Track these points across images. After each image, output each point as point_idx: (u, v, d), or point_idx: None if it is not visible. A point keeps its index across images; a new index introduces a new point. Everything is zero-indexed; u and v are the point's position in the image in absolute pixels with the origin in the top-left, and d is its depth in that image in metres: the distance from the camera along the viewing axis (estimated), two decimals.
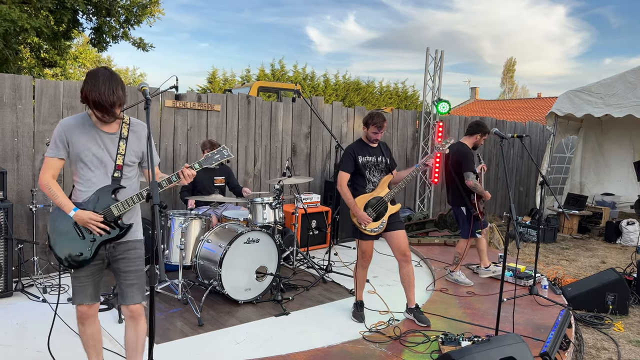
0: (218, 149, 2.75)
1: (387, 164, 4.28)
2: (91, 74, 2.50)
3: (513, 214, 3.48)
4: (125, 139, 2.67)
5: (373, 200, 4.13)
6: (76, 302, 2.71)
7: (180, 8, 58.31)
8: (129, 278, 2.72)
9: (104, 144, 2.62)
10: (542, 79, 72.83)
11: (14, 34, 9.31)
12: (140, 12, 11.89)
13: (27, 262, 4.81)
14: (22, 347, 3.50)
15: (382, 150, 4.31)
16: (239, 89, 11.59)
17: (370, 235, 4.14)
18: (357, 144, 4.29)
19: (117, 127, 2.66)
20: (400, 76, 63.14)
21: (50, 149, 2.61)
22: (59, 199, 2.59)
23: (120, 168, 2.65)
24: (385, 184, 4.21)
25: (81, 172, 2.62)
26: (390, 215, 4.15)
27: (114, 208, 2.61)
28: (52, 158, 2.60)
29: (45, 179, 2.60)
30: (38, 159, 4.97)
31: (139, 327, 2.78)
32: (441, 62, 8.27)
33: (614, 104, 7.69)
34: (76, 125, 2.60)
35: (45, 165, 2.61)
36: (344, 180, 4.17)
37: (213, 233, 4.58)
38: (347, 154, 4.22)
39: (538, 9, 68.11)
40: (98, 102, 2.46)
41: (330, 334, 3.93)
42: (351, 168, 4.18)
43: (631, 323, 4.65)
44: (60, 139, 2.58)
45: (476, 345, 2.99)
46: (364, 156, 4.20)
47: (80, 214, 2.56)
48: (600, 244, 8.17)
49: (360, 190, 4.19)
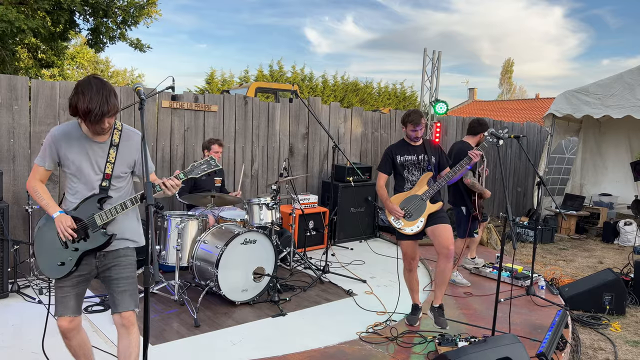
0: (205, 158, 2.65)
1: (431, 162, 4.10)
2: (81, 84, 2.39)
3: (509, 214, 3.48)
4: (116, 146, 2.58)
5: (409, 199, 4.03)
6: (57, 314, 2.59)
7: (179, 9, 58.34)
8: (120, 285, 2.63)
9: (94, 154, 2.55)
10: (540, 80, 73.02)
11: (11, 34, 9.29)
12: (138, 13, 11.87)
13: (23, 264, 4.80)
14: (18, 349, 3.49)
15: (425, 149, 4.13)
16: (236, 90, 11.59)
17: (407, 235, 4.03)
18: (398, 144, 4.22)
19: (107, 136, 2.57)
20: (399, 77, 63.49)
21: (39, 157, 2.59)
22: (44, 201, 2.56)
23: (108, 177, 2.56)
24: (424, 182, 4.06)
25: (70, 183, 2.59)
26: (430, 214, 4.02)
27: (97, 217, 2.53)
28: (39, 166, 2.60)
29: (32, 183, 2.60)
30: (34, 160, 4.95)
31: (131, 336, 2.66)
32: (439, 63, 8.27)
33: (613, 104, 7.70)
34: (66, 136, 2.53)
35: (33, 171, 2.62)
36: (381, 180, 4.15)
37: (210, 234, 4.58)
38: (385, 154, 4.18)
39: (536, 10, 68.25)
40: (88, 111, 2.34)
41: (327, 335, 3.92)
42: (388, 168, 4.12)
43: (628, 323, 4.65)
44: (50, 150, 2.55)
45: (473, 346, 2.99)
46: (402, 155, 4.11)
47: (58, 217, 2.50)
48: (597, 245, 8.18)
49: (398, 189, 4.13)
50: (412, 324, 4.12)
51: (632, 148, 9.96)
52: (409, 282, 4.25)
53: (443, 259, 4.00)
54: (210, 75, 20.82)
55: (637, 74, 7.46)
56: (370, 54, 70.16)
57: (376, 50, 70.49)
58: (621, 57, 65.45)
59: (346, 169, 6.91)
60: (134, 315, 2.69)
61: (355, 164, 7.28)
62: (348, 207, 7.03)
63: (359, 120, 7.85)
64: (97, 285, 4.83)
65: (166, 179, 2.56)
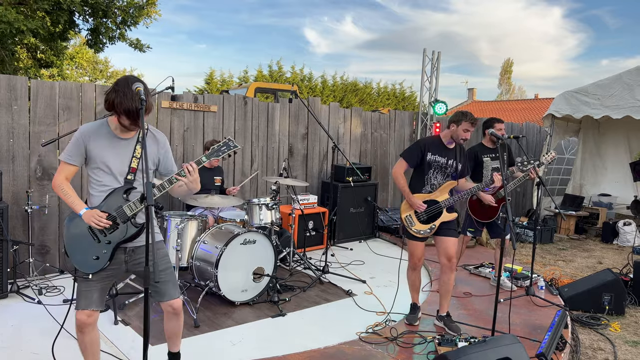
0: (224, 141, 2.76)
1: (457, 170, 4.01)
2: (121, 82, 2.53)
3: (509, 214, 3.48)
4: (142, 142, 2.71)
5: (429, 202, 3.93)
6: (79, 306, 2.65)
7: (178, 9, 58.29)
8: (161, 276, 2.76)
9: (121, 149, 2.67)
10: (540, 80, 73.04)
11: (10, 35, 9.28)
12: (137, 14, 11.86)
13: (22, 264, 4.79)
14: (17, 349, 3.49)
15: (456, 154, 4.00)
16: (236, 90, 11.59)
17: (417, 236, 3.98)
18: (433, 140, 4.00)
19: (134, 132, 2.71)
20: (398, 77, 62.89)
21: (65, 154, 2.65)
22: (71, 198, 2.62)
23: (134, 171, 2.69)
24: (447, 190, 3.97)
25: (96, 178, 2.66)
26: (443, 222, 3.96)
27: (126, 208, 2.63)
28: (66, 163, 2.64)
29: (59, 180, 2.64)
30: (34, 160, 4.96)
31: (180, 319, 2.90)
32: (438, 63, 8.28)
33: (612, 105, 7.71)
34: (95, 132, 2.65)
35: (59, 168, 2.67)
36: (401, 168, 3.95)
37: (209, 234, 4.57)
38: (417, 145, 3.97)
39: (535, 10, 68.25)
40: (129, 110, 2.49)
41: (327, 335, 3.92)
42: (415, 161, 3.93)
43: (627, 323, 4.65)
44: (78, 146, 2.63)
45: (472, 346, 2.99)
46: (434, 154, 3.93)
47: (87, 212, 2.58)
48: (597, 245, 8.18)
49: (415, 188, 3.98)
50: (412, 323, 4.12)
51: (631, 148, 9.97)
52: (411, 281, 4.22)
53: (446, 271, 4.01)
54: (210, 76, 20.81)
55: (636, 74, 7.47)
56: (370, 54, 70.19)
57: (375, 50, 70.52)
58: (620, 58, 65.52)
59: (346, 169, 6.91)
60: (181, 301, 2.89)
61: (354, 164, 7.28)
62: (348, 207, 7.03)
63: (359, 120, 7.86)
64: None
65: (187, 163, 2.66)
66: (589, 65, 69.47)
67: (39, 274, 4.92)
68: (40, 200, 4.95)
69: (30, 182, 4.94)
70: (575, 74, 69.04)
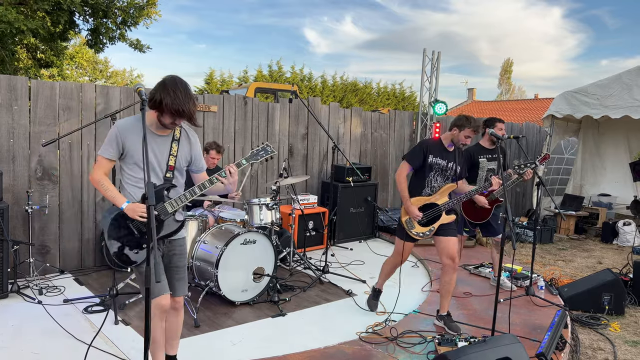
0: (262, 145, 2.87)
1: (457, 172, 4.07)
2: (170, 82, 2.58)
3: (509, 214, 3.49)
4: (177, 140, 2.80)
5: (428, 205, 3.96)
6: (154, 294, 2.66)
7: (178, 9, 58.22)
8: (180, 272, 2.86)
9: (157, 147, 2.72)
10: (539, 80, 72.99)
11: (10, 35, 9.28)
12: (137, 14, 11.87)
13: (22, 264, 4.80)
14: (18, 349, 3.49)
15: (455, 157, 4.05)
16: (236, 90, 11.59)
17: (416, 238, 4.02)
18: (434, 142, 4.05)
19: (169, 130, 2.76)
20: (398, 77, 62.79)
21: (102, 149, 2.69)
22: (111, 192, 2.66)
23: (172, 169, 2.76)
24: (446, 193, 4.01)
25: (132, 172, 2.71)
26: (442, 224, 4.00)
27: (167, 205, 2.69)
28: (103, 158, 2.69)
29: (98, 175, 2.68)
30: (34, 160, 4.96)
31: (180, 316, 2.97)
32: (438, 63, 8.28)
33: (611, 105, 7.72)
34: (132, 128, 2.68)
35: (97, 164, 2.72)
36: (404, 171, 3.97)
37: (209, 234, 4.58)
38: (419, 147, 4.00)
39: (534, 11, 68.17)
40: (180, 111, 2.56)
41: (327, 335, 3.92)
42: (417, 163, 3.96)
43: (627, 323, 4.66)
44: (115, 141, 2.67)
45: (472, 346, 2.99)
46: (435, 156, 3.97)
47: (131, 206, 2.61)
48: (596, 245, 8.19)
49: (416, 191, 4.01)
50: (373, 309, 4.31)
51: (630, 148, 9.98)
52: (387, 272, 4.36)
53: (449, 271, 4.02)
54: (209, 76, 20.80)
55: (635, 74, 7.48)
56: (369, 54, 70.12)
57: (375, 50, 70.46)
58: (620, 58, 65.46)
59: (346, 169, 6.92)
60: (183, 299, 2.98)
61: (354, 164, 7.28)
62: (347, 207, 7.03)
63: (359, 120, 7.86)
64: (97, 286, 4.84)
65: (228, 165, 2.76)
66: (589, 65, 69.49)
67: (39, 274, 4.92)
68: (41, 200, 4.95)
69: (31, 182, 4.95)
70: (574, 74, 69.06)
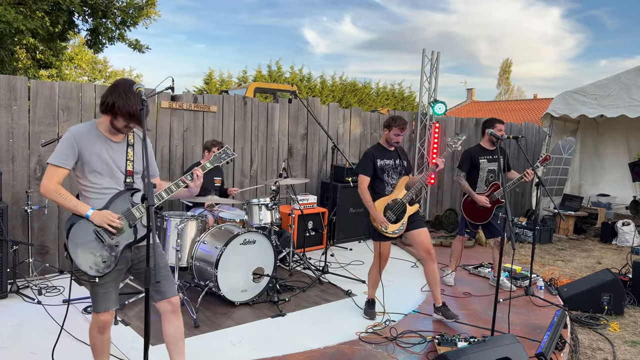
0: (223, 148, 2.88)
1: (405, 167, 4.34)
2: (121, 85, 2.54)
3: (508, 214, 3.49)
4: (132, 145, 2.73)
5: (392, 203, 4.17)
6: (101, 309, 2.66)
7: (177, 9, 58.18)
8: (162, 273, 2.76)
9: (113, 152, 2.66)
10: (539, 80, 73.06)
11: (10, 35, 9.27)
12: (137, 14, 11.86)
13: (22, 264, 4.79)
14: (17, 349, 3.49)
15: (399, 154, 4.35)
16: (235, 90, 11.58)
17: (390, 237, 4.18)
18: (376, 148, 4.34)
19: (123, 136, 2.71)
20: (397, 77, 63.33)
21: (56, 157, 2.56)
22: (73, 201, 2.55)
23: (131, 174, 2.70)
24: (403, 186, 4.25)
25: (93, 180, 2.61)
26: (409, 216, 4.21)
27: (135, 211, 2.64)
28: (57, 167, 2.55)
29: (52, 186, 2.54)
30: (33, 160, 4.96)
31: (179, 319, 2.82)
32: (437, 64, 8.29)
33: (608, 104, 7.73)
34: (87, 134, 2.61)
35: (49, 173, 2.56)
36: (364, 184, 4.20)
37: (209, 234, 4.58)
38: (365, 157, 4.27)
39: (533, 11, 68.24)
40: (132, 114, 2.51)
41: (326, 335, 3.93)
42: (370, 171, 4.21)
43: (626, 323, 4.66)
44: (72, 148, 2.55)
45: (472, 346, 2.99)
46: (382, 159, 4.24)
47: (97, 213, 2.54)
48: (595, 245, 8.20)
49: (380, 193, 4.22)
50: (373, 318, 4.29)
51: (630, 149, 9.99)
52: (374, 280, 4.41)
53: (429, 262, 4.26)
54: (209, 76, 20.79)
55: (634, 74, 7.49)
56: (369, 54, 70.17)
57: (374, 50, 70.50)
58: (619, 58, 65.55)
59: (345, 170, 6.92)
60: (179, 298, 2.86)
61: (354, 164, 7.27)
62: (347, 207, 7.03)
63: (358, 120, 7.87)
64: None
65: (196, 169, 2.72)
66: (588, 65, 69.55)
67: (39, 274, 4.92)
68: (40, 201, 4.95)
69: (30, 182, 4.94)
70: (574, 74, 69.15)
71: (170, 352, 2.83)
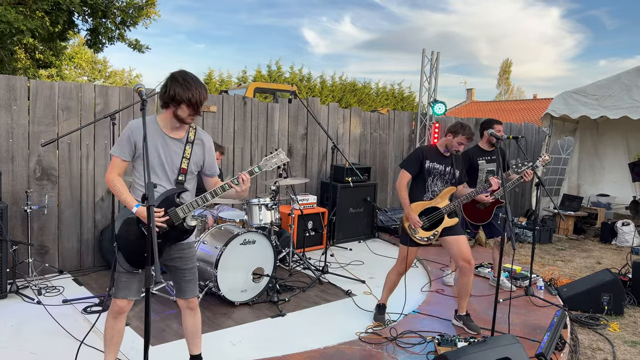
0: (274, 152, 2.84)
1: (455, 176, 4.08)
2: (180, 75, 2.58)
3: (508, 214, 3.49)
4: (191, 143, 2.76)
5: (430, 209, 3.96)
6: (120, 295, 2.73)
7: (177, 9, 58.16)
8: (187, 275, 2.85)
9: (170, 149, 2.69)
10: (538, 81, 73.11)
11: (9, 35, 9.26)
12: (137, 14, 11.85)
13: (21, 264, 4.79)
14: (17, 349, 3.48)
15: (452, 161, 4.08)
16: (235, 90, 11.58)
17: (420, 243, 4.01)
18: (430, 148, 4.09)
19: (183, 133, 2.74)
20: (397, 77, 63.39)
21: (117, 149, 2.66)
22: (123, 195, 2.64)
23: (184, 172, 2.72)
24: (447, 196, 4.01)
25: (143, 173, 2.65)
26: (444, 228, 4.00)
27: (179, 211, 2.66)
28: (117, 158, 2.67)
29: (112, 176, 2.66)
30: (33, 160, 4.95)
31: (197, 315, 2.98)
32: (437, 64, 8.29)
33: (610, 105, 7.73)
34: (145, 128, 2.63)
35: (111, 164, 2.69)
36: (404, 179, 3.98)
37: (209, 234, 4.58)
38: (415, 154, 4.04)
39: (533, 11, 68.30)
40: (196, 101, 2.56)
41: (326, 335, 3.93)
42: (415, 170, 3.99)
43: (626, 324, 4.67)
44: (128, 141, 2.64)
45: (472, 346, 2.99)
46: (432, 162, 4.00)
47: (142, 209, 2.58)
48: (595, 245, 8.20)
49: (417, 196, 4.00)
50: (384, 323, 4.15)
51: (629, 149, 10.00)
52: (392, 283, 4.26)
53: (467, 273, 4.02)
54: (208, 76, 20.79)
55: (634, 75, 7.49)
56: (368, 54, 70.15)
57: (374, 50, 70.47)
58: (618, 58, 65.60)
59: (345, 170, 6.92)
60: (197, 299, 2.99)
61: (354, 164, 7.28)
62: (347, 207, 7.03)
63: (358, 120, 7.86)
64: (96, 286, 4.83)
65: (241, 173, 2.73)
66: (587, 65, 69.60)
67: (38, 274, 4.91)
68: (40, 201, 4.95)
69: (30, 182, 4.94)
70: (573, 75, 69.19)
71: (188, 342, 3.05)
